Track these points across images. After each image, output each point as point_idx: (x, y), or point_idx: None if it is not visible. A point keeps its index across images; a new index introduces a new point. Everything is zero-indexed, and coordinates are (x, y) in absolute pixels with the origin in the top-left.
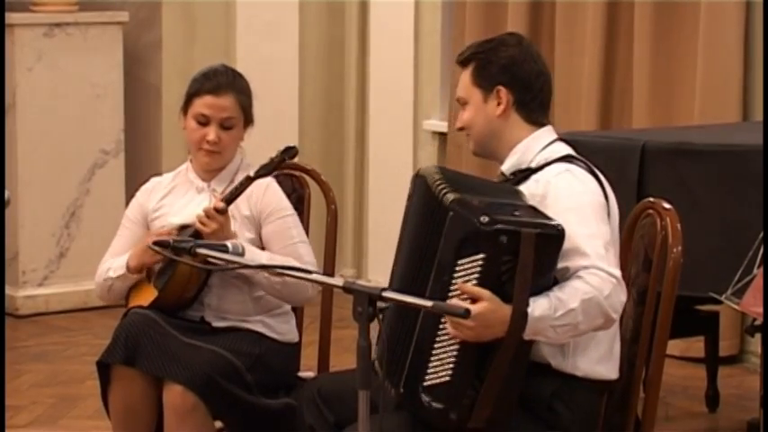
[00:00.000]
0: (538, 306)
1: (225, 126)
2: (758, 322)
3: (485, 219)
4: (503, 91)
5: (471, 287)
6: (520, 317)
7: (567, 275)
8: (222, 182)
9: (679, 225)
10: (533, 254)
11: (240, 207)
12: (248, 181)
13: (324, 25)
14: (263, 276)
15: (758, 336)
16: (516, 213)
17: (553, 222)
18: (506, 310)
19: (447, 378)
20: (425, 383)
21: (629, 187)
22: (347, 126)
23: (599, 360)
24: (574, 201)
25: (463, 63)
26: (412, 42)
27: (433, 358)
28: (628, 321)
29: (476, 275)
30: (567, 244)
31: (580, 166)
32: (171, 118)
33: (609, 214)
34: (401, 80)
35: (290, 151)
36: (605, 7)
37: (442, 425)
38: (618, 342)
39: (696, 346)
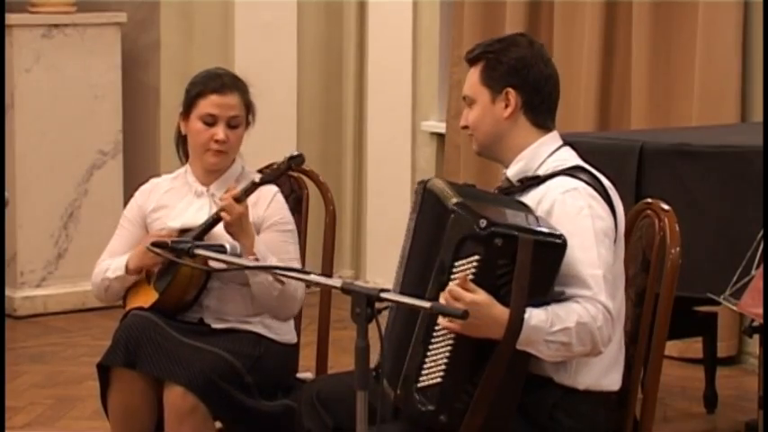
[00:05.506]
0: (535, 315)
1: (231, 125)
2: (756, 323)
3: (483, 222)
4: (511, 93)
5: (461, 287)
6: (517, 320)
7: (562, 300)
8: (221, 187)
9: (677, 226)
10: (531, 261)
11: None
12: (254, 186)
13: (322, 26)
14: (263, 280)
15: (756, 336)
16: (517, 221)
17: (556, 232)
18: (500, 310)
19: (439, 380)
20: (419, 384)
21: (628, 188)
22: (345, 127)
23: (603, 373)
24: (577, 224)
25: (472, 61)
26: (410, 43)
27: (427, 359)
28: (626, 322)
29: (471, 278)
30: (566, 270)
31: (588, 182)
32: (169, 119)
33: (617, 228)
34: (399, 81)
35: (296, 159)
36: (603, 7)
37: (433, 427)
38: (623, 352)
39: (694, 346)
